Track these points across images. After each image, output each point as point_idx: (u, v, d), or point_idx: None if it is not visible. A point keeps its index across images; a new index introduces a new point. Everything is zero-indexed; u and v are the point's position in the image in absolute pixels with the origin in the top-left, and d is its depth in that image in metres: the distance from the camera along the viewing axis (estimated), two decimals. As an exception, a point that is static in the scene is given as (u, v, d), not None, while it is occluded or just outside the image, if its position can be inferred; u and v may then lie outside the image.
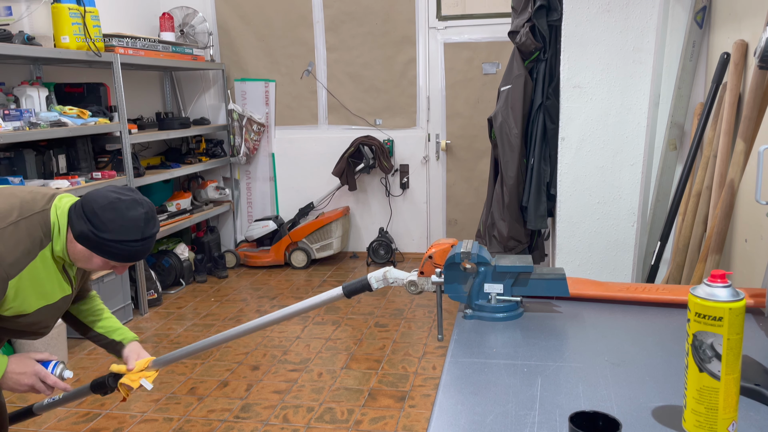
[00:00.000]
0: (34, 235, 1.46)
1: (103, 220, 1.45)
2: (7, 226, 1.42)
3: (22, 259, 1.44)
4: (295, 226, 5.51)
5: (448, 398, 1.09)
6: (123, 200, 1.47)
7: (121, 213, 1.45)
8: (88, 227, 1.45)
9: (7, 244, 1.41)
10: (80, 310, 1.82)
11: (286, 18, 5.51)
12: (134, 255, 1.51)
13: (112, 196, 1.47)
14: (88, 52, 3.88)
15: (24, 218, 1.45)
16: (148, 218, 1.50)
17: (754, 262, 2.04)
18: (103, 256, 1.49)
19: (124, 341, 1.81)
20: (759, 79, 2.01)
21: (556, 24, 2.99)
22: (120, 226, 1.45)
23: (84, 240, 1.47)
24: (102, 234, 1.45)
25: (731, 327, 0.90)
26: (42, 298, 1.53)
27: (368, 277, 1.57)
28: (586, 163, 2.84)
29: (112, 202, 1.46)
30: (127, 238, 1.47)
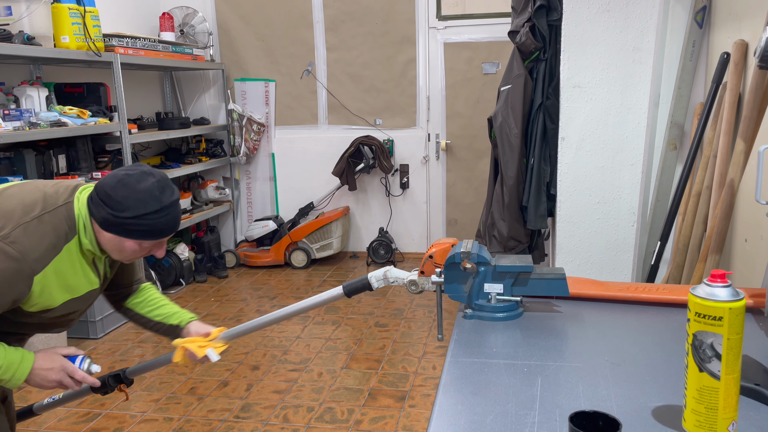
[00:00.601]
0: (58, 229, 1.43)
1: (118, 199, 1.41)
2: (31, 221, 1.39)
3: (47, 254, 1.41)
4: (295, 226, 5.51)
5: (448, 398, 1.09)
6: (131, 175, 1.44)
7: (133, 187, 1.42)
8: (107, 211, 1.42)
9: (31, 239, 1.38)
10: (134, 303, 1.79)
11: (286, 18, 5.51)
12: (161, 228, 1.47)
13: (120, 174, 1.44)
14: (88, 52, 3.88)
15: (48, 212, 1.43)
16: (161, 186, 1.45)
17: (754, 262, 2.04)
18: (131, 237, 1.45)
19: (182, 323, 1.76)
20: (759, 79, 2.01)
21: (556, 24, 2.99)
22: (136, 201, 1.42)
23: (108, 226, 1.44)
24: (121, 214, 1.42)
25: (731, 327, 0.90)
26: (67, 291, 1.49)
27: (369, 276, 1.57)
28: (586, 163, 2.84)
29: (121, 180, 1.43)
30: (146, 211, 1.43)
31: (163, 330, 1.78)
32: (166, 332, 1.78)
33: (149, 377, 3.39)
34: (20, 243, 1.35)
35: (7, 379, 1.45)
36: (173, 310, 1.79)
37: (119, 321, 4.18)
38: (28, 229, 1.38)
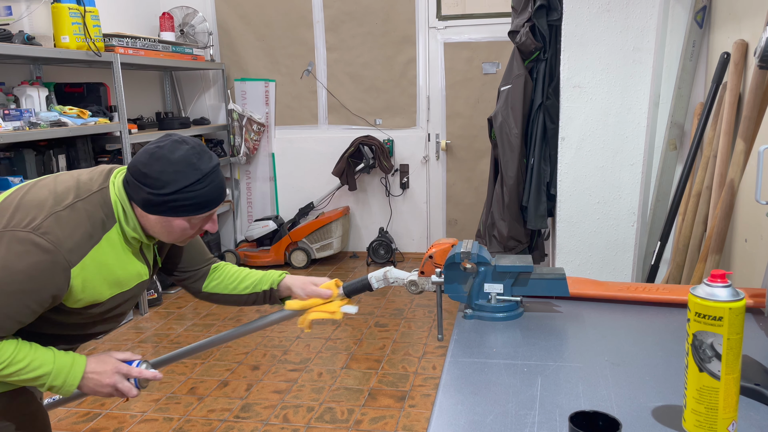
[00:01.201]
0: (94, 217, 1.32)
1: (154, 175, 1.30)
2: (63, 209, 1.29)
3: (83, 245, 1.30)
4: (295, 226, 5.51)
5: (448, 398, 1.09)
6: (162, 146, 1.32)
7: (167, 159, 1.30)
8: (147, 191, 1.31)
9: (64, 229, 1.27)
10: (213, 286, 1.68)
11: (286, 18, 5.51)
12: (207, 198, 1.35)
13: (151, 148, 1.33)
14: (88, 52, 3.88)
15: (81, 199, 1.32)
16: (197, 152, 1.33)
17: (754, 262, 2.04)
18: (178, 215, 1.34)
19: (274, 284, 1.65)
20: (759, 79, 2.01)
21: (556, 24, 2.99)
22: (174, 173, 1.30)
23: (151, 207, 1.33)
24: (162, 191, 1.30)
25: (731, 327, 0.90)
26: (115, 285, 1.39)
27: (369, 276, 1.57)
28: (586, 163, 2.84)
29: (153, 154, 1.31)
30: (187, 182, 1.31)
31: (260, 300, 1.68)
32: (264, 300, 1.68)
33: (149, 377, 3.39)
34: (52, 233, 1.25)
35: (59, 385, 1.36)
36: (258, 275, 1.68)
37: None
38: (61, 219, 1.28)
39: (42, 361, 1.34)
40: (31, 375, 1.33)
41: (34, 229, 1.25)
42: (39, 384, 1.35)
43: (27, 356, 1.32)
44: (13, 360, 1.30)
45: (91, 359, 1.42)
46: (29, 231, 1.25)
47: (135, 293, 1.48)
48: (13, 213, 1.28)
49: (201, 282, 1.68)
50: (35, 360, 1.33)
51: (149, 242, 1.44)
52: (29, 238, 1.24)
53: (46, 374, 1.34)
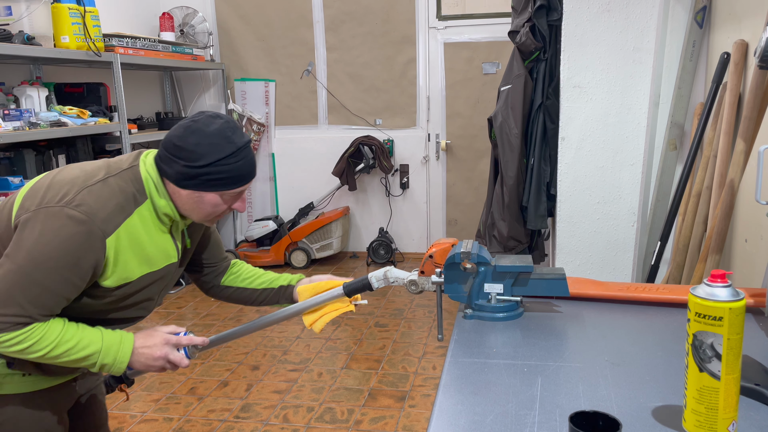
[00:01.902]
0: (126, 191, 1.33)
1: (190, 148, 1.31)
2: (95, 183, 1.30)
3: (116, 215, 1.30)
4: (295, 226, 5.51)
5: (448, 398, 1.09)
6: (197, 120, 1.34)
7: (202, 132, 1.32)
8: (181, 164, 1.32)
9: (97, 200, 1.28)
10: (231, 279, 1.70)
11: (286, 18, 5.51)
12: (240, 172, 1.36)
13: (185, 123, 1.35)
14: (88, 52, 3.88)
15: (112, 175, 1.34)
16: (231, 127, 1.35)
17: (754, 262, 2.04)
18: (210, 189, 1.35)
19: (292, 282, 1.67)
20: (759, 79, 2.01)
21: (556, 24, 2.99)
22: (210, 145, 1.31)
23: (185, 180, 1.33)
24: (197, 162, 1.31)
25: (731, 327, 0.90)
26: (145, 263, 1.38)
27: (369, 276, 1.57)
28: (586, 163, 2.84)
29: (188, 127, 1.33)
30: (222, 155, 1.32)
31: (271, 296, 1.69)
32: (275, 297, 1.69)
33: (149, 377, 3.39)
34: (86, 204, 1.26)
35: (110, 363, 1.35)
36: (275, 275, 1.71)
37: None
38: (93, 192, 1.29)
39: (90, 339, 1.34)
40: (80, 354, 1.32)
41: (67, 203, 1.26)
42: (89, 364, 1.34)
43: (75, 335, 1.32)
44: (61, 340, 1.30)
45: (138, 335, 1.41)
46: (62, 205, 1.26)
47: (163, 276, 1.46)
48: (45, 192, 1.29)
49: (221, 277, 1.71)
50: (83, 339, 1.33)
51: (181, 220, 1.44)
52: (63, 212, 1.25)
53: (95, 352, 1.34)
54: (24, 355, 1.29)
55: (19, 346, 1.26)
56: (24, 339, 1.26)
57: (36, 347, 1.28)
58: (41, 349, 1.28)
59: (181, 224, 1.47)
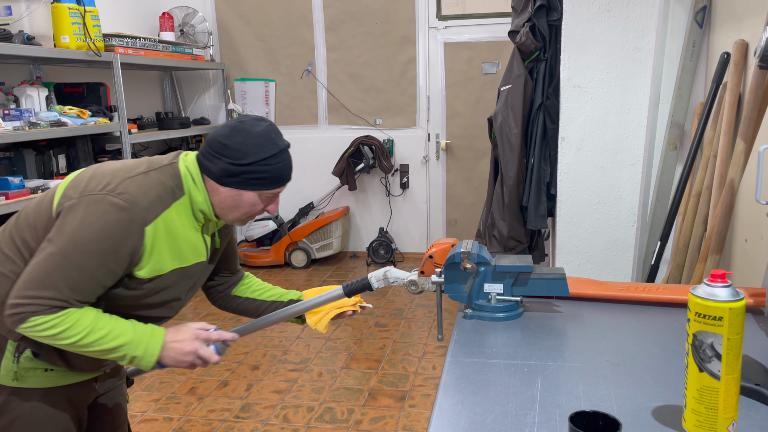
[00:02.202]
0: (166, 184, 1.37)
1: (235, 146, 1.36)
2: (137, 175, 1.35)
3: (156, 205, 1.34)
4: (295, 226, 5.51)
5: (448, 398, 1.09)
6: (244, 121, 1.40)
7: (248, 132, 1.38)
8: (225, 161, 1.37)
9: (139, 189, 1.32)
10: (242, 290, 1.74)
11: (286, 18, 5.51)
12: (281, 172, 1.41)
13: (232, 123, 1.41)
14: (88, 52, 3.88)
15: (153, 169, 1.39)
16: (274, 130, 1.42)
17: (754, 262, 2.04)
18: (250, 188, 1.39)
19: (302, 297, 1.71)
20: (759, 79, 2.01)
21: (556, 24, 2.99)
22: (254, 145, 1.37)
23: (226, 177, 1.38)
24: (241, 161, 1.36)
25: (731, 327, 0.90)
26: (177, 257, 1.41)
27: (369, 276, 1.57)
28: (586, 163, 2.84)
29: (235, 127, 1.39)
30: (265, 155, 1.37)
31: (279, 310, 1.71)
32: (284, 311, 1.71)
33: (149, 377, 3.39)
34: (128, 193, 1.30)
35: (140, 355, 1.35)
36: (284, 290, 1.75)
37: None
38: (135, 181, 1.33)
39: (122, 330, 1.34)
40: (110, 344, 1.32)
41: (110, 191, 1.30)
42: (119, 355, 1.35)
43: (107, 325, 1.33)
44: (94, 327, 1.31)
45: (169, 330, 1.42)
46: (105, 193, 1.30)
47: (193, 274, 1.48)
48: (88, 182, 1.34)
49: (233, 287, 1.75)
50: (115, 328, 1.33)
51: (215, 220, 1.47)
52: (105, 199, 1.29)
53: (126, 343, 1.34)
54: (55, 341, 1.29)
55: (52, 330, 1.27)
56: (58, 323, 1.27)
57: (68, 333, 1.28)
58: (73, 336, 1.29)
59: (212, 225, 1.50)
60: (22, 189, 3.33)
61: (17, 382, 1.39)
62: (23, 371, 1.39)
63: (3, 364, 1.38)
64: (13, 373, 1.39)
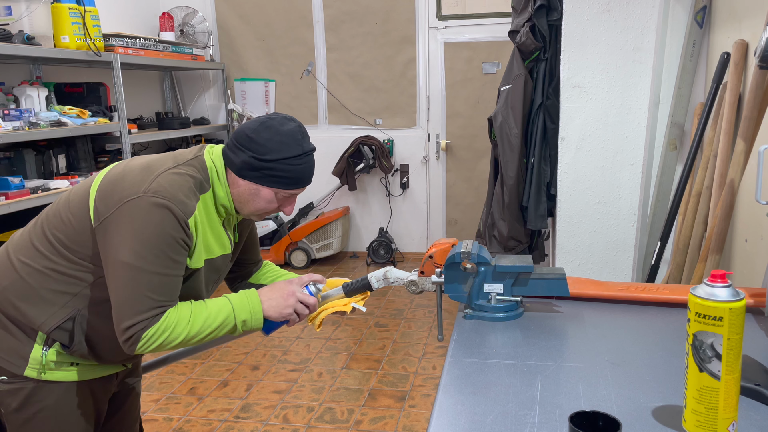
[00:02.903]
0: (196, 177, 1.39)
1: (261, 141, 1.38)
2: (165, 171, 1.36)
3: (191, 199, 1.36)
4: (295, 226, 5.51)
5: (448, 398, 1.09)
6: (273, 118, 1.41)
7: (276, 129, 1.39)
8: (249, 155, 1.38)
9: (173, 185, 1.33)
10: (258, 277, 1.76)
11: (286, 18, 5.51)
12: (301, 175, 1.42)
13: (262, 119, 1.42)
14: (87, 52, 3.88)
15: (180, 164, 1.39)
16: (303, 132, 1.43)
17: (754, 262, 2.04)
18: (270, 184, 1.41)
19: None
20: (759, 79, 2.01)
21: (556, 24, 2.99)
22: (280, 143, 1.38)
23: (248, 170, 1.39)
24: (264, 156, 1.37)
25: (731, 327, 0.90)
26: (206, 249, 1.43)
27: (369, 276, 1.57)
28: (586, 163, 2.84)
29: (264, 123, 1.40)
30: (289, 155, 1.39)
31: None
32: None
33: (149, 377, 3.39)
34: (164, 190, 1.32)
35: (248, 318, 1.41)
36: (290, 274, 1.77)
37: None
38: (168, 178, 1.34)
39: (219, 305, 1.40)
40: (217, 321, 1.38)
41: (145, 192, 1.31)
42: (230, 328, 1.40)
43: (204, 308, 1.38)
44: (194, 315, 1.35)
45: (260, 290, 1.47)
46: (141, 195, 1.30)
47: (219, 267, 1.51)
48: (122, 185, 1.34)
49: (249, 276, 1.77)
50: (212, 307, 1.39)
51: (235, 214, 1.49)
52: (143, 200, 1.30)
53: (230, 313, 1.39)
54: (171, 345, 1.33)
55: (163, 336, 1.31)
56: (165, 328, 1.31)
57: (176, 331, 1.33)
58: (182, 332, 1.33)
59: (234, 218, 1.52)
60: (22, 189, 3.33)
61: (44, 374, 1.41)
62: (51, 364, 1.41)
63: (32, 356, 1.40)
64: (41, 366, 1.41)
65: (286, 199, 1.47)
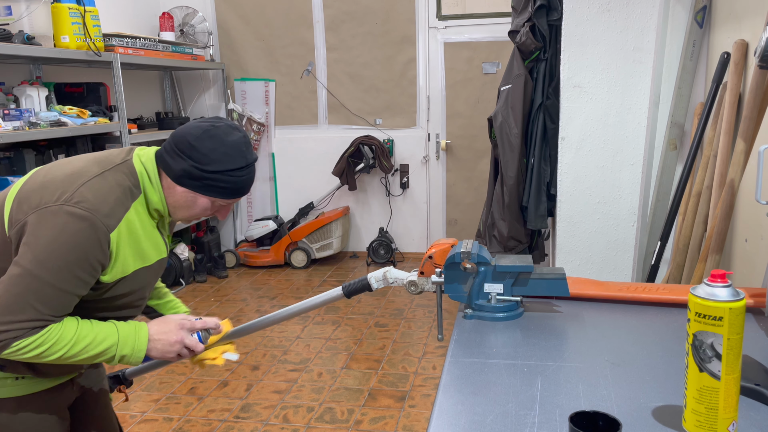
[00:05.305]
0: (123, 185, 1.32)
1: (204, 151, 1.32)
2: (92, 178, 1.28)
3: (117, 209, 1.29)
4: (295, 226, 5.51)
5: (448, 398, 1.09)
6: (218, 126, 1.34)
7: (221, 140, 1.33)
8: (189, 163, 1.32)
9: (97, 195, 1.26)
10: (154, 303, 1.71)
11: (286, 18, 5.51)
12: (242, 186, 1.39)
13: (205, 125, 1.34)
14: (88, 51, 3.88)
15: (108, 170, 1.31)
16: (246, 142, 1.38)
17: (754, 262, 2.04)
18: (209, 194, 1.36)
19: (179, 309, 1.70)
20: (759, 78, 2.01)
21: (556, 23, 2.99)
22: (223, 155, 1.32)
23: (187, 178, 1.34)
24: (206, 167, 1.32)
25: (731, 327, 0.90)
26: (139, 258, 1.37)
27: (368, 277, 1.57)
28: (586, 163, 2.84)
29: (207, 131, 1.33)
30: (233, 167, 1.34)
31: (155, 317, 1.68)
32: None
33: (149, 377, 3.39)
34: (87, 201, 1.24)
35: (129, 353, 1.35)
36: (169, 298, 1.72)
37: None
38: (92, 187, 1.27)
39: (106, 333, 1.33)
40: (98, 349, 1.32)
41: (66, 201, 1.24)
42: (108, 358, 1.34)
43: (90, 331, 1.31)
44: (78, 337, 1.29)
45: (152, 323, 1.42)
46: (61, 203, 1.24)
47: (156, 271, 1.46)
48: (40, 193, 1.26)
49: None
50: (99, 333, 1.32)
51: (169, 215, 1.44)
52: (62, 210, 1.23)
53: (113, 345, 1.33)
54: (41, 359, 1.27)
55: (37, 350, 1.25)
56: (42, 342, 1.25)
57: (54, 348, 1.26)
58: (59, 350, 1.27)
59: (167, 219, 1.47)
60: (22, 189, 3.33)
61: None
62: None
63: None
64: None
65: (223, 207, 1.44)
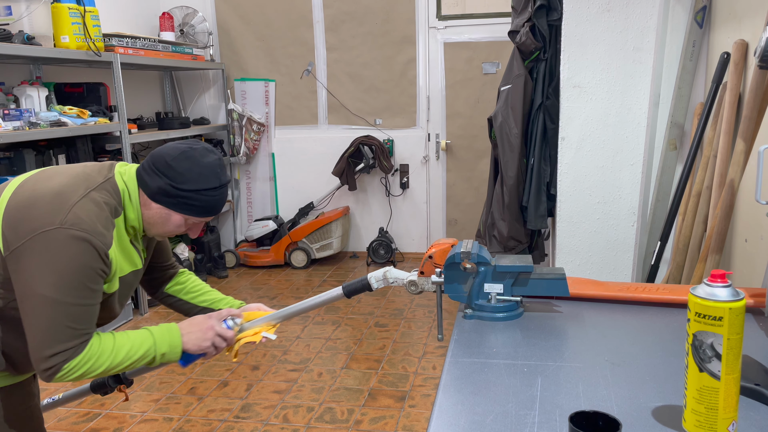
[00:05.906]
0: (110, 204, 1.38)
1: (180, 170, 1.39)
2: (80, 200, 1.32)
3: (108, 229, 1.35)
4: (295, 226, 5.51)
5: (448, 398, 1.09)
6: (195, 149, 1.42)
7: (197, 161, 1.40)
8: (165, 181, 1.39)
9: (89, 215, 1.31)
10: (177, 289, 1.75)
11: (286, 18, 5.51)
12: (214, 205, 1.46)
13: (183, 147, 1.42)
14: (88, 51, 3.88)
15: (92, 189, 1.36)
16: (221, 165, 1.45)
17: (754, 262, 2.04)
18: (182, 212, 1.43)
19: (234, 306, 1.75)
20: (759, 78, 2.01)
21: (556, 24, 2.99)
22: (198, 175, 1.40)
23: (162, 197, 1.40)
24: (181, 185, 1.39)
25: (731, 327, 0.90)
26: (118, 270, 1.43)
27: (368, 277, 1.57)
28: (586, 163, 2.84)
29: (185, 152, 1.41)
30: (206, 186, 1.41)
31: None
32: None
33: (149, 377, 3.39)
34: (82, 222, 1.29)
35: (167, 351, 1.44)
36: (219, 296, 1.76)
37: (119, 321, 4.17)
38: (83, 208, 1.31)
39: (142, 337, 1.43)
40: (139, 353, 1.41)
41: (62, 224, 1.28)
42: (150, 359, 1.43)
43: (127, 340, 1.40)
44: (117, 347, 1.37)
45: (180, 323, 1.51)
46: (58, 227, 1.27)
47: (130, 283, 1.51)
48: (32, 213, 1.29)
49: (166, 283, 1.77)
50: (135, 339, 1.41)
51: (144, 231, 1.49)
52: (61, 233, 1.27)
53: (151, 346, 1.43)
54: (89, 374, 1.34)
55: (86, 366, 1.32)
56: (88, 359, 1.32)
57: (99, 361, 1.34)
58: (105, 362, 1.35)
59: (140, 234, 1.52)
60: (22, 189, 3.33)
61: None
62: None
63: None
64: None
65: (196, 225, 1.50)
